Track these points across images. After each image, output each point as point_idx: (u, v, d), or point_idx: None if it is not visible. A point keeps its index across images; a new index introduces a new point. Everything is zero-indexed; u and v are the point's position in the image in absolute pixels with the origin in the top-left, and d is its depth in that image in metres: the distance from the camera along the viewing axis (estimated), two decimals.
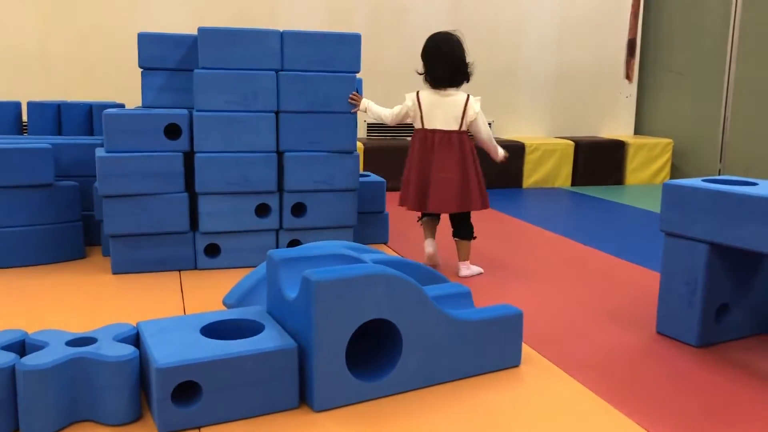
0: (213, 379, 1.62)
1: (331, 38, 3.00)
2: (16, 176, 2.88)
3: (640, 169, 5.90)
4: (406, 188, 2.99)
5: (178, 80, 3.06)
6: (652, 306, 2.54)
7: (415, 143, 2.98)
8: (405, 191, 3.00)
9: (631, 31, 6.17)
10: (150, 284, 2.76)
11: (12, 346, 1.67)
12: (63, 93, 4.72)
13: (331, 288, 1.68)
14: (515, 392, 1.87)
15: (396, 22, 5.56)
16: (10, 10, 4.79)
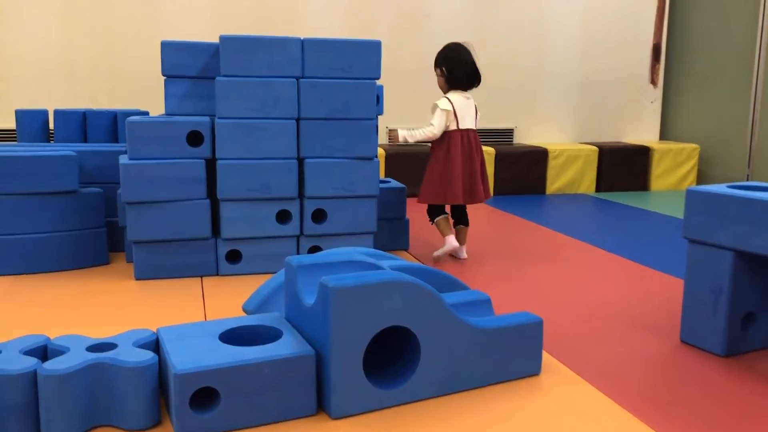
0: (231, 385, 1.62)
1: (351, 45, 3.01)
2: (42, 183, 2.93)
3: (666, 174, 5.83)
4: (449, 184, 3.22)
5: (200, 88, 3.09)
6: (675, 314, 2.51)
7: (455, 143, 3.24)
8: (447, 187, 3.23)
9: (656, 35, 6.11)
10: (172, 290, 2.79)
11: (34, 350, 1.69)
12: (89, 101, 4.80)
13: (349, 294, 1.67)
14: (535, 401, 1.85)
15: (417, 28, 5.57)
16: (37, 22, 4.88)
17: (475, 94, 3.42)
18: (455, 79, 3.27)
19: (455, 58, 3.27)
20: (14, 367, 1.57)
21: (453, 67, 3.27)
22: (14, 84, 4.89)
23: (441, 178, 3.25)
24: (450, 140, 3.25)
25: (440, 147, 3.27)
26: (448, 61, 3.28)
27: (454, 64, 3.26)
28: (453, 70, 3.27)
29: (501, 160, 5.39)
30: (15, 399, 1.55)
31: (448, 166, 3.23)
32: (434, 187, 3.26)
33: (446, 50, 3.32)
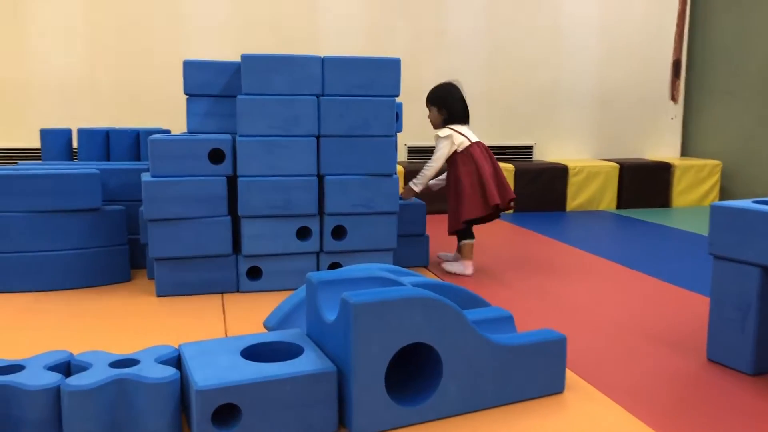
0: (252, 401, 1.61)
1: (370, 63, 3.03)
2: (65, 201, 2.97)
3: (688, 191, 5.77)
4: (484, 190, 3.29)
5: (221, 106, 3.12)
6: (701, 331, 2.47)
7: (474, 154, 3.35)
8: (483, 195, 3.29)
9: (675, 51, 6.08)
10: (193, 307, 2.80)
11: (58, 366, 1.70)
12: (111, 120, 4.87)
13: (370, 310, 1.67)
14: (559, 419, 1.82)
15: (435, 46, 5.59)
16: (61, 44, 4.97)
17: (494, 109, 3.44)
18: (452, 116, 3.41)
19: (450, 96, 3.43)
20: (38, 382, 1.58)
21: (449, 105, 3.41)
22: (39, 104, 4.97)
23: (473, 190, 3.31)
24: (468, 153, 3.35)
25: (463, 164, 3.34)
26: (444, 100, 3.43)
27: (451, 102, 3.42)
28: (450, 108, 3.41)
29: (520, 177, 5.37)
30: (39, 414, 1.56)
31: (477, 176, 3.32)
32: (473, 200, 3.31)
33: (440, 90, 3.47)
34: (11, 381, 1.58)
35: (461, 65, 5.65)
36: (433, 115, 3.47)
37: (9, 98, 4.94)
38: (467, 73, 5.66)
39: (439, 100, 3.44)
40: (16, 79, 4.94)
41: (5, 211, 2.92)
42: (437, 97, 3.46)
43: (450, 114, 3.42)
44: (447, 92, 3.45)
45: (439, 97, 3.45)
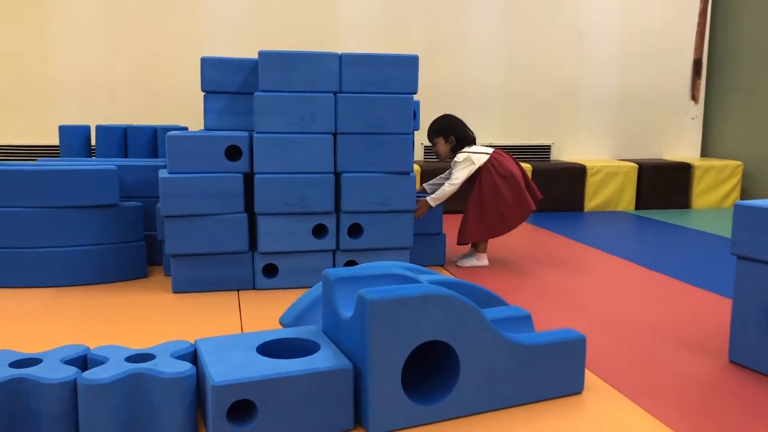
0: (268, 398, 1.60)
1: (388, 60, 3.01)
2: (83, 197, 2.98)
3: (708, 192, 5.70)
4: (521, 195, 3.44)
5: (239, 103, 3.12)
6: (722, 333, 2.43)
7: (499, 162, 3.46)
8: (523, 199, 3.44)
9: (696, 50, 6.01)
10: (209, 303, 2.79)
11: (74, 360, 1.70)
12: (129, 118, 4.89)
13: (387, 308, 1.65)
14: (579, 420, 1.80)
15: (452, 44, 5.56)
16: (79, 42, 5.01)
17: (511, 109, 3.45)
18: (460, 143, 3.50)
19: (457, 125, 3.53)
20: (55, 376, 1.57)
21: (456, 132, 3.50)
22: (58, 102, 5.01)
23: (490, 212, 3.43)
24: (492, 166, 3.44)
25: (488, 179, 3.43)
26: (449, 129, 3.51)
27: (455, 129, 3.51)
28: (457, 135, 3.50)
29: (538, 177, 5.32)
30: (55, 408, 1.56)
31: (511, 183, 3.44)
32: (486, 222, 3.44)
33: (442, 121, 3.56)
34: (28, 374, 1.58)
35: (480, 65, 5.63)
36: (440, 146, 3.53)
37: (29, 95, 4.99)
38: (485, 73, 5.65)
39: (443, 131, 3.51)
40: (36, 77, 4.98)
41: (24, 206, 2.94)
42: (441, 128, 3.52)
43: (458, 141, 3.50)
44: (449, 121, 3.55)
45: (443, 128, 3.52)
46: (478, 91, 5.66)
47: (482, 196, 3.42)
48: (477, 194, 3.44)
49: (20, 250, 2.95)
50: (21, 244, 2.95)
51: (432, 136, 3.54)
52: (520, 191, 3.43)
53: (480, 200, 3.43)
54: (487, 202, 3.41)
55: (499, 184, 3.41)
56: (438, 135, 3.51)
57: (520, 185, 3.44)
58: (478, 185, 3.44)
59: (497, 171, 3.42)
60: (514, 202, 3.42)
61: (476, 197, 3.44)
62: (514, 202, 3.42)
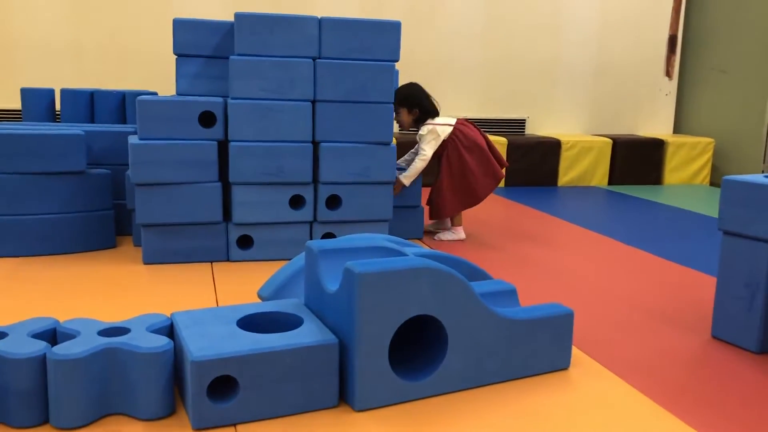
0: (250, 373, 1.54)
1: (370, 26, 2.91)
2: (48, 163, 2.84)
3: (680, 168, 5.73)
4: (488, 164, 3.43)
5: (213, 68, 3.00)
6: (702, 308, 2.43)
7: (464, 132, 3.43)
8: (470, 192, 3.42)
9: (672, 26, 6.00)
10: (181, 275, 2.70)
11: (43, 334, 1.61)
12: (96, 82, 4.70)
13: (375, 281, 1.59)
14: (565, 395, 1.77)
15: (431, 14, 5.46)
16: (45, 1, 4.78)
17: (487, 82, 3.40)
18: (424, 114, 3.43)
19: (418, 94, 3.44)
20: (22, 350, 1.48)
21: (419, 104, 3.42)
22: (20, 63, 4.79)
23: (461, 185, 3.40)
24: (457, 136, 3.41)
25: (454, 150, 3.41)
26: (412, 99, 3.43)
27: (419, 100, 3.43)
28: (420, 106, 3.42)
29: (513, 151, 5.29)
30: (23, 384, 1.47)
31: (477, 152, 3.41)
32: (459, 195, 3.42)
33: (406, 89, 3.44)
34: None
35: (456, 36, 5.54)
36: (403, 116, 3.46)
37: None
38: (462, 45, 5.56)
39: (407, 101, 3.43)
40: None
41: None
42: (405, 97, 3.42)
43: (421, 112, 3.43)
44: (414, 91, 3.45)
45: (407, 97, 3.43)
46: (454, 63, 5.58)
47: (451, 168, 3.40)
48: (446, 168, 3.41)
49: None
50: None
51: (395, 106, 3.42)
52: (486, 160, 3.42)
53: (449, 173, 3.40)
54: (456, 174, 3.40)
55: (465, 155, 3.39)
56: (402, 105, 3.43)
57: (486, 154, 3.42)
58: (446, 159, 3.42)
59: (462, 142, 3.40)
60: (481, 171, 3.41)
61: (446, 170, 3.41)
62: (481, 172, 3.41)
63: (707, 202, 4.85)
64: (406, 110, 3.44)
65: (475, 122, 3.60)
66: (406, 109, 3.44)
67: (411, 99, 3.43)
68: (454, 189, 3.41)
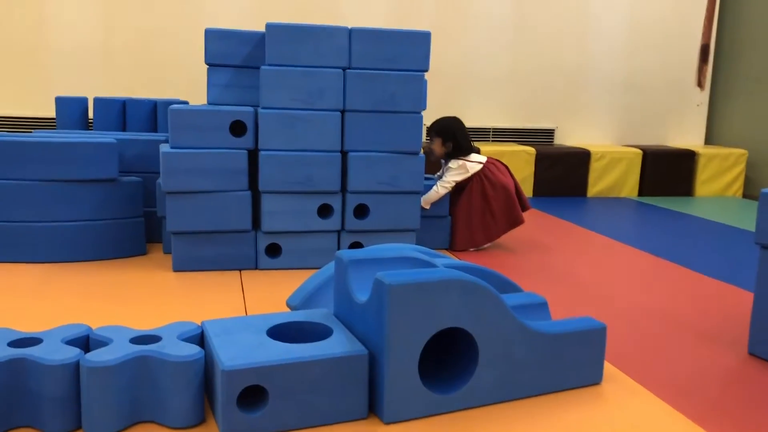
0: (280, 383, 1.53)
1: (399, 36, 2.91)
2: (81, 170, 2.88)
3: (712, 180, 5.64)
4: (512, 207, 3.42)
5: (243, 77, 3.02)
6: (737, 324, 2.38)
7: (492, 172, 3.45)
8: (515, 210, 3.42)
9: (704, 36, 5.92)
10: (211, 283, 2.72)
11: (76, 341, 1.63)
12: (128, 90, 4.77)
13: (406, 292, 1.58)
14: (598, 411, 1.74)
15: (460, 24, 5.45)
16: (78, 11, 4.86)
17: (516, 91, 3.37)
18: (457, 150, 3.43)
19: (458, 130, 3.45)
20: (57, 357, 1.50)
21: (456, 139, 3.43)
22: (55, 73, 4.88)
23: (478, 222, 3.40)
24: (485, 175, 3.42)
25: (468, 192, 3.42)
26: (451, 133, 3.44)
27: (458, 136, 3.44)
28: (456, 142, 3.43)
29: (541, 161, 5.25)
30: (57, 390, 1.48)
31: (502, 195, 3.41)
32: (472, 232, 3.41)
33: (447, 122, 3.48)
34: (29, 354, 1.50)
35: (485, 45, 5.52)
36: (436, 145, 3.47)
37: (25, 66, 4.85)
38: (490, 54, 5.54)
39: (446, 133, 3.44)
40: (33, 47, 4.84)
41: (20, 179, 2.84)
42: (444, 130, 3.45)
43: (454, 147, 3.43)
44: (455, 126, 3.47)
45: (447, 131, 3.44)
46: (483, 72, 5.55)
47: (471, 203, 3.39)
48: (466, 202, 3.40)
49: (15, 224, 2.86)
50: (16, 218, 2.85)
51: (432, 134, 3.48)
52: (511, 204, 3.40)
53: (468, 208, 3.39)
54: (476, 211, 3.39)
55: (489, 192, 3.39)
56: (439, 135, 3.45)
57: (512, 197, 3.41)
58: (467, 193, 3.41)
59: (489, 180, 3.41)
60: (501, 212, 3.40)
61: (464, 204, 3.40)
62: (501, 213, 3.39)
63: (740, 214, 4.76)
64: (441, 141, 3.45)
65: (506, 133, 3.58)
66: (441, 140, 3.45)
67: (448, 132, 3.44)
68: (470, 225, 3.39)
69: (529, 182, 5.24)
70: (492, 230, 3.40)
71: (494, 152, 4.98)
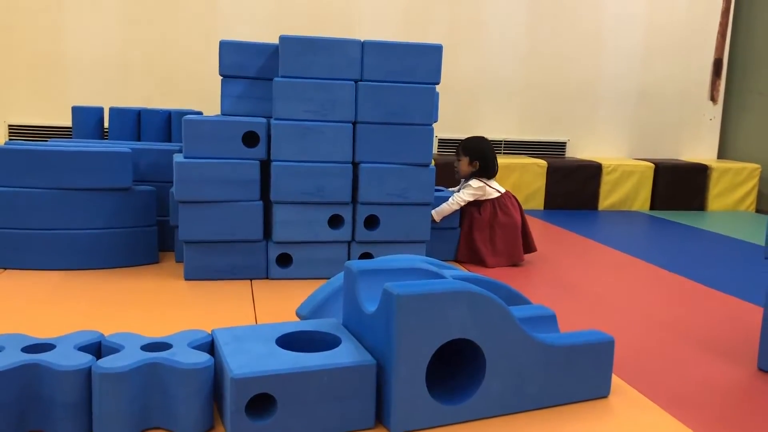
0: (289, 392, 1.55)
1: (411, 49, 2.94)
2: (96, 179, 2.92)
3: (724, 194, 5.61)
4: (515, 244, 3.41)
5: (257, 89, 3.05)
6: (747, 338, 2.38)
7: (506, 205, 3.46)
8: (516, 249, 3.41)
9: (717, 50, 5.91)
10: (222, 292, 2.74)
11: (88, 347, 1.65)
12: (143, 100, 4.83)
13: (414, 303, 1.59)
14: (605, 424, 1.74)
15: (473, 35, 5.48)
16: (94, 21, 4.94)
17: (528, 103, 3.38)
18: (482, 172, 3.45)
19: (488, 152, 3.48)
20: (70, 362, 1.52)
21: (484, 161, 3.45)
22: (72, 82, 4.95)
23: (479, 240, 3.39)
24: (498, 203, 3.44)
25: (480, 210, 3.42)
26: (480, 154, 3.46)
27: (486, 158, 3.46)
28: (483, 163, 3.45)
29: (553, 174, 5.26)
30: (69, 396, 1.51)
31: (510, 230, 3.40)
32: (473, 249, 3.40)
33: (478, 143, 3.51)
34: (42, 360, 1.53)
35: (497, 58, 5.54)
36: (463, 164, 3.49)
37: (43, 76, 4.92)
38: (503, 67, 5.56)
39: (475, 153, 3.46)
40: (49, 57, 4.91)
41: (35, 187, 2.88)
42: (474, 149, 3.47)
43: (481, 169, 3.45)
44: (485, 148, 3.49)
45: (476, 151, 3.47)
46: (495, 85, 5.58)
47: (481, 222, 3.38)
48: (477, 219, 3.39)
49: (30, 231, 2.90)
50: (31, 226, 2.90)
51: (461, 152, 3.49)
52: (513, 241, 3.40)
53: (478, 226, 3.38)
54: (478, 232, 3.38)
55: (501, 220, 3.40)
56: (466, 153, 3.47)
57: (516, 235, 3.40)
58: (479, 211, 3.42)
59: (502, 210, 3.42)
60: (502, 248, 3.38)
61: (475, 221, 3.39)
62: (502, 249, 3.38)
63: (753, 229, 4.74)
64: (468, 159, 3.47)
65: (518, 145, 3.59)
66: (468, 159, 3.47)
67: (477, 152, 3.46)
68: (468, 239, 3.39)
69: (540, 195, 5.24)
70: (487, 258, 3.36)
71: (506, 165, 4.99)
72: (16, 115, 4.95)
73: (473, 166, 3.46)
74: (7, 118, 4.94)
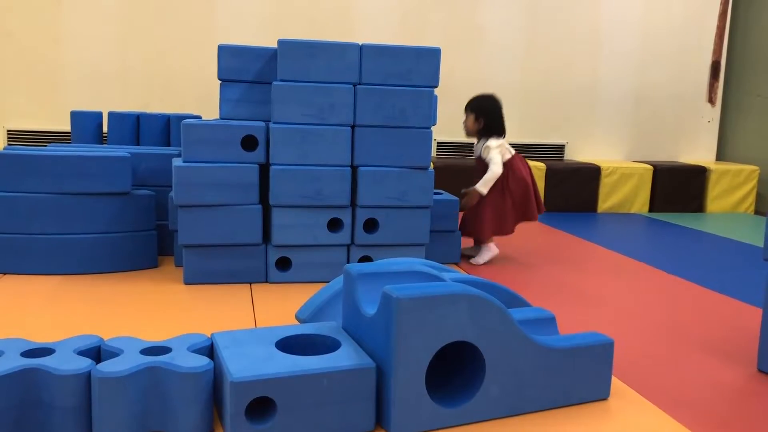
0: (288, 396, 1.55)
1: (410, 52, 2.95)
2: (95, 183, 2.92)
3: (723, 196, 5.62)
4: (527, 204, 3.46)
5: (255, 93, 3.06)
6: (747, 340, 2.38)
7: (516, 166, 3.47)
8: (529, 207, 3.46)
9: (715, 52, 5.92)
10: (221, 296, 2.74)
11: (88, 351, 1.65)
12: (142, 104, 4.83)
13: (413, 306, 1.59)
14: (605, 426, 1.74)
15: (471, 39, 5.49)
16: (93, 26, 4.94)
17: (526, 106, 3.42)
18: (488, 129, 3.45)
19: (495, 110, 3.47)
20: (68, 367, 1.52)
21: (490, 119, 3.45)
22: (70, 87, 4.95)
23: (517, 201, 3.44)
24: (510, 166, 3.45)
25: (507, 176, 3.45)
26: (487, 112, 3.46)
27: (493, 116, 3.45)
28: (489, 121, 3.45)
29: (551, 177, 5.26)
30: (68, 400, 1.50)
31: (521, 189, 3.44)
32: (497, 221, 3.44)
33: (485, 100, 3.49)
34: (41, 365, 1.52)
35: (495, 61, 5.55)
36: (469, 121, 3.50)
37: (41, 80, 4.93)
38: (501, 69, 5.57)
39: (481, 111, 3.46)
40: (48, 62, 4.92)
41: (34, 192, 2.88)
42: (481, 107, 3.47)
43: (486, 126, 3.45)
44: (492, 105, 3.48)
45: (483, 108, 3.47)
46: (493, 87, 5.49)
47: (494, 193, 3.41)
48: (490, 192, 3.41)
49: (29, 236, 2.90)
50: (30, 230, 2.90)
51: (468, 109, 3.51)
52: (527, 199, 3.45)
53: (492, 198, 3.42)
54: (497, 200, 3.43)
55: (511, 185, 3.43)
56: (472, 111, 3.48)
57: (529, 193, 3.45)
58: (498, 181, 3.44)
59: (514, 172, 3.44)
60: (519, 206, 3.44)
61: (489, 195, 3.42)
62: (518, 206, 3.44)
63: (751, 231, 4.74)
64: (474, 117, 3.48)
65: (517, 148, 3.63)
66: (474, 116, 3.48)
67: (482, 109, 3.47)
68: (494, 214, 3.44)
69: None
70: (509, 221, 3.43)
71: None
72: (15, 120, 4.96)
73: (478, 123, 3.47)
74: (6, 123, 4.94)
